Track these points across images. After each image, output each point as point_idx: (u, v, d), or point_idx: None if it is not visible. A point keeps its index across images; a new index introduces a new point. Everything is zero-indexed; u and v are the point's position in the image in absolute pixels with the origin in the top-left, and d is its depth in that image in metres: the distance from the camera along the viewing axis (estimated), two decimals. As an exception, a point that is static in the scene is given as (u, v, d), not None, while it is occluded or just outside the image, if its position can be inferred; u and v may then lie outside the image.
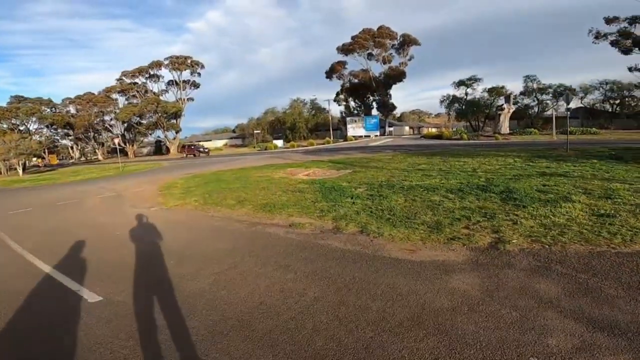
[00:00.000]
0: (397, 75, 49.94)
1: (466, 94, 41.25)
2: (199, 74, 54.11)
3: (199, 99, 56.53)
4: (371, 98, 54.81)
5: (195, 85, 54.64)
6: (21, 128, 48.84)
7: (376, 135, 48.95)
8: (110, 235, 5.97)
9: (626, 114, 36.72)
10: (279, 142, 44.83)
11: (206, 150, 46.40)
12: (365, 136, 48.34)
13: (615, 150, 13.11)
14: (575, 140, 22.17)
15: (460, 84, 40.73)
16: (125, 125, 55.35)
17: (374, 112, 56.15)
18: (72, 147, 65.88)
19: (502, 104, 31.55)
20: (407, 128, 61.54)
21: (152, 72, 52.47)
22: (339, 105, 58.74)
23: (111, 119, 56.92)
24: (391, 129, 54.71)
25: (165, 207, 8.58)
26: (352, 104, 57.22)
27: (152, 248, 4.98)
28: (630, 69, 29.54)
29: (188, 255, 4.51)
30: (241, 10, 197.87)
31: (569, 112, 13.94)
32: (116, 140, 26.35)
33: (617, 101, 38.38)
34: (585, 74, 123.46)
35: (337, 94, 56.97)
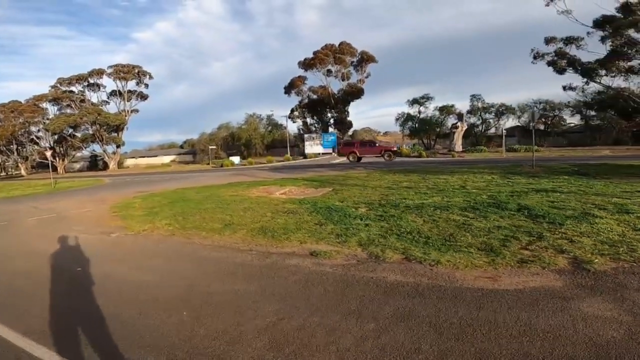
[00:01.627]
0: (355, 92, 50.91)
1: (419, 112, 43.41)
2: (147, 85, 50.47)
3: (141, 111, 51.92)
4: (329, 115, 55.18)
5: (143, 97, 50.75)
6: None
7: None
8: (69, 274, 4.44)
9: (556, 132, 40.98)
10: (236, 159, 42.74)
11: (399, 151, 32.26)
12: (325, 153, 48.16)
13: (576, 166, 14.08)
14: (525, 158, 23.96)
15: (414, 102, 42.76)
16: (56, 137, 49.13)
17: (331, 129, 56.53)
18: (-10, 161, 56.89)
19: (457, 122, 33.50)
20: (362, 145, 62.82)
21: (92, 81, 47.66)
22: (294, 122, 57.89)
23: (39, 130, 50.21)
24: (348, 146, 55.30)
25: (131, 232, 7.02)
26: (309, 120, 57.04)
27: (143, 293, 3.64)
28: (564, 88, 31.92)
29: (203, 303, 3.30)
30: (193, 22, 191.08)
31: (534, 129, 14.77)
32: (48, 153, 22.81)
33: (543, 119, 42.64)
34: (528, 91, 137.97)
35: (292, 111, 56.06)
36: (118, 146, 51.41)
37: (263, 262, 4.44)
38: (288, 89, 54.10)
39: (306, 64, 50.13)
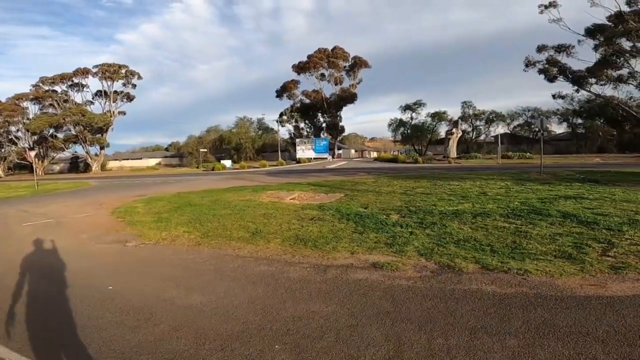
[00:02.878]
0: (348, 97, 50.89)
1: (411, 118, 43.68)
2: (134, 86, 48.93)
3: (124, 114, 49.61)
4: (321, 119, 54.86)
5: (129, 98, 49.10)
6: None
7: (333, 158, 48.78)
8: (103, 295, 3.84)
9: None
10: (227, 163, 41.87)
11: None
12: (316, 158, 47.75)
13: (581, 173, 14.21)
14: (522, 165, 24.26)
15: (406, 108, 43.02)
16: (36, 137, 46.88)
17: (322, 134, 56.15)
18: (-34, 162, 53.71)
19: (452, 129, 33.78)
20: (353, 151, 62.96)
21: (76, 80, 45.84)
22: (283, 126, 56.64)
23: (17, 130, 47.81)
24: (340, 151, 55.24)
25: (148, 241, 6.40)
26: (300, 124, 56.46)
27: (211, 321, 3.01)
28: (554, 96, 32.63)
29: (290, 331, 2.72)
30: (180, 24, 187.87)
31: (543, 136, 14.84)
32: (32, 153, 21.55)
33: (529, 127, 43.35)
34: (517, 99, 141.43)
35: (281, 114, 54.95)
36: (102, 148, 49.56)
37: (324, 276, 3.97)
38: (280, 93, 53.60)
39: (300, 67, 49.82)
